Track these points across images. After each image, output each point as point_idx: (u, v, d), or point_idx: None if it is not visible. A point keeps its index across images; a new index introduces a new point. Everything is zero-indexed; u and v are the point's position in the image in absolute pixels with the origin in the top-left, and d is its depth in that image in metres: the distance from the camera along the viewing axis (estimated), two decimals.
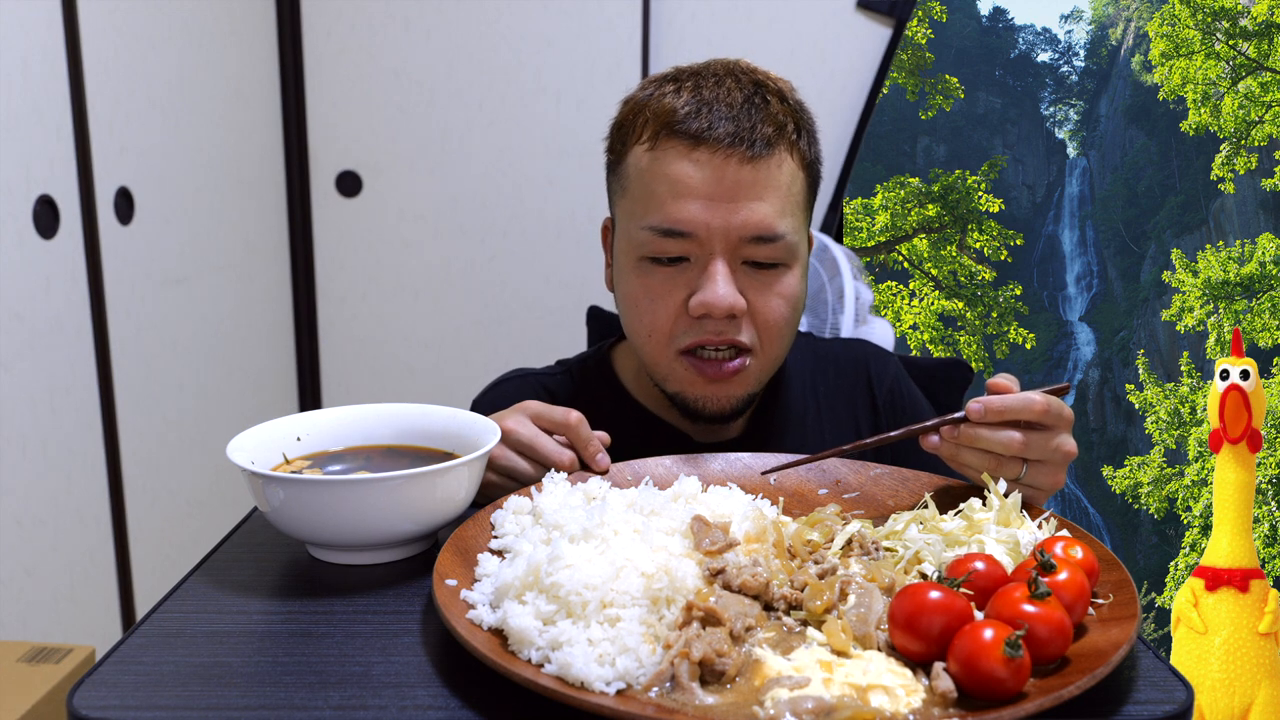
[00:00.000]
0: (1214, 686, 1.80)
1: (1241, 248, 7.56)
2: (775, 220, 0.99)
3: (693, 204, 0.98)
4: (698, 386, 1.04)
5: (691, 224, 0.98)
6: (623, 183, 1.04)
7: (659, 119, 1.00)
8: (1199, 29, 8.00)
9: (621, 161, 1.04)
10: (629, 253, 1.03)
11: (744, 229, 0.98)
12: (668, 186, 0.98)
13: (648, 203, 1.00)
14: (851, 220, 8.94)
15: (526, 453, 0.92)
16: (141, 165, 1.83)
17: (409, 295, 2.49)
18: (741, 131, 0.97)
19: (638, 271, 1.02)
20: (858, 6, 2.32)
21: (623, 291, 1.06)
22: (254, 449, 0.86)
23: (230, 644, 0.69)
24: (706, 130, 0.97)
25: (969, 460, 0.86)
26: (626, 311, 1.06)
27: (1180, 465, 7.29)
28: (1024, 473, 0.86)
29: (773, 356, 1.05)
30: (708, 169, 0.97)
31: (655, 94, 1.02)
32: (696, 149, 0.98)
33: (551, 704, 0.60)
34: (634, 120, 1.03)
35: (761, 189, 0.98)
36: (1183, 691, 0.62)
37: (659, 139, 1.00)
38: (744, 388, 1.05)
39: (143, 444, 1.84)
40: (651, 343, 1.04)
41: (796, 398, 1.17)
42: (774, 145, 0.99)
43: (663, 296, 1.01)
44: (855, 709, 0.57)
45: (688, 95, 1.00)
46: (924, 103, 9.30)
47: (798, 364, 1.19)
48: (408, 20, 2.35)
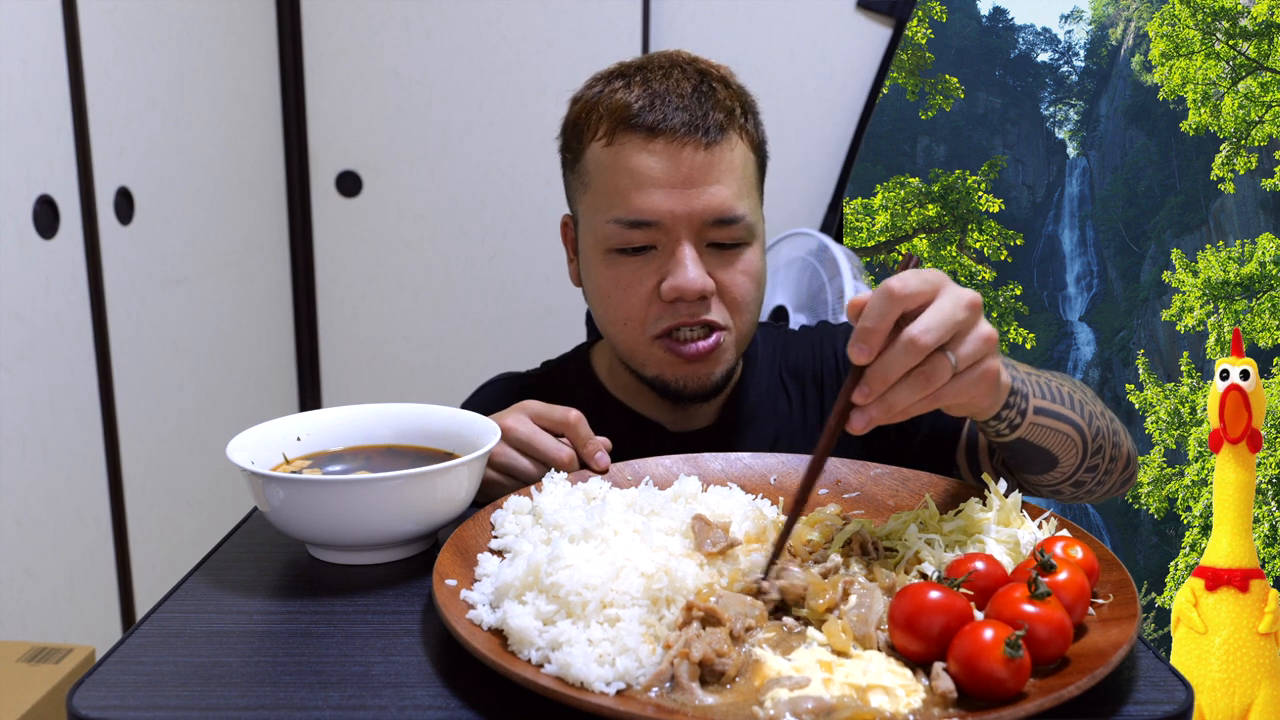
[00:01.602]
0: (1214, 686, 1.80)
1: (1241, 248, 7.56)
2: (735, 202, 1.02)
3: (655, 193, 1.00)
4: (676, 368, 1.06)
5: (656, 212, 1.01)
6: (583, 179, 1.07)
7: (614, 115, 1.02)
8: (1199, 29, 8.00)
9: (579, 159, 1.07)
10: (595, 246, 1.06)
11: (706, 213, 1.01)
12: (629, 179, 1.01)
13: (611, 196, 1.03)
14: (851, 220, 8.95)
15: (526, 450, 0.93)
16: (141, 165, 1.83)
17: (409, 295, 2.48)
18: (695, 120, 1.00)
19: (606, 263, 1.05)
20: (858, 6, 2.32)
21: (592, 284, 1.08)
22: (254, 449, 0.86)
23: (230, 644, 0.69)
24: (662, 121, 1.00)
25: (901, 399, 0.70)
26: (599, 303, 1.08)
27: (1180, 465, 7.29)
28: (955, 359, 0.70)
29: (743, 332, 1.08)
30: (666, 158, 1.00)
31: (605, 91, 1.05)
32: (654, 140, 1.00)
33: (551, 704, 0.59)
34: (587, 118, 1.05)
35: (719, 173, 1.01)
36: (1183, 691, 0.62)
37: (616, 134, 1.02)
38: (721, 364, 1.07)
39: (143, 444, 1.84)
40: (627, 331, 1.06)
41: (766, 385, 1.19)
42: (726, 130, 1.02)
43: (633, 285, 1.04)
44: (855, 709, 0.57)
45: (639, 90, 1.02)
46: (924, 103, 9.31)
47: (766, 351, 1.22)
48: (408, 20, 2.35)
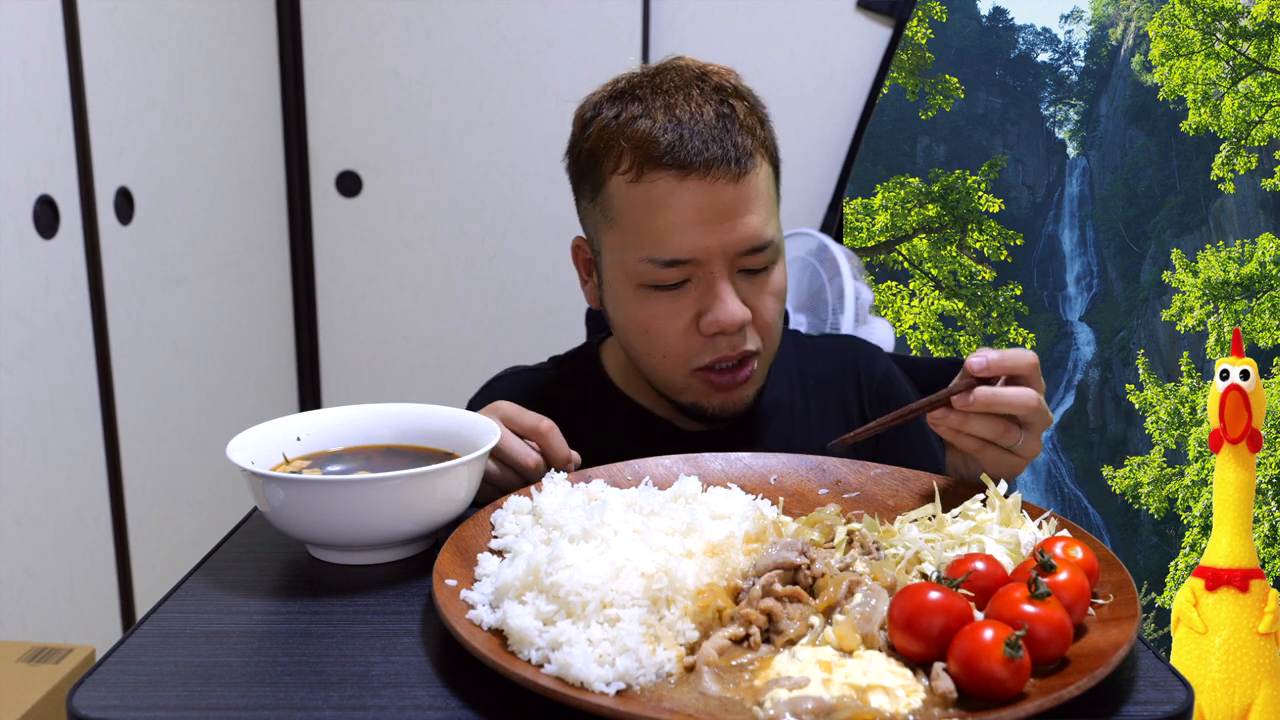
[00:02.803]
0: (1214, 686, 1.80)
1: (1241, 248, 7.56)
2: (764, 228, 1.01)
3: (690, 232, 0.99)
4: (714, 397, 1.07)
5: (692, 251, 0.99)
6: (606, 214, 1.04)
7: (639, 149, 0.99)
8: (1199, 29, 8.00)
9: (600, 191, 1.04)
10: (625, 281, 1.04)
11: (739, 244, 1.00)
12: (662, 219, 0.99)
13: (642, 235, 1.00)
14: (851, 220, 8.94)
15: (493, 454, 0.92)
16: (141, 165, 1.83)
17: (409, 295, 2.48)
18: (726, 153, 0.98)
19: (639, 299, 1.03)
20: (858, 6, 2.32)
21: (625, 318, 1.06)
22: (254, 449, 0.86)
23: (230, 644, 0.69)
24: (694, 158, 0.98)
25: (977, 429, 0.85)
26: (634, 337, 1.06)
27: (1180, 465, 7.29)
28: (1020, 442, 0.85)
29: (772, 350, 1.09)
30: (699, 194, 0.98)
31: (623, 117, 1.01)
32: (686, 178, 0.98)
33: (551, 704, 0.60)
34: (607, 148, 1.02)
35: (749, 202, 1.00)
36: (1183, 691, 0.62)
37: (644, 171, 0.99)
38: (753, 386, 1.08)
39: (143, 444, 1.84)
40: (666, 364, 1.05)
41: (782, 390, 1.19)
42: (753, 155, 1.00)
43: (670, 319, 1.03)
44: (855, 709, 0.57)
45: (661, 118, 0.99)
46: (924, 103, 9.31)
47: (781, 357, 1.21)
48: (408, 20, 2.35)
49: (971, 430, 0.85)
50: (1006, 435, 0.85)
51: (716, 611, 0.68)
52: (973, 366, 0.84)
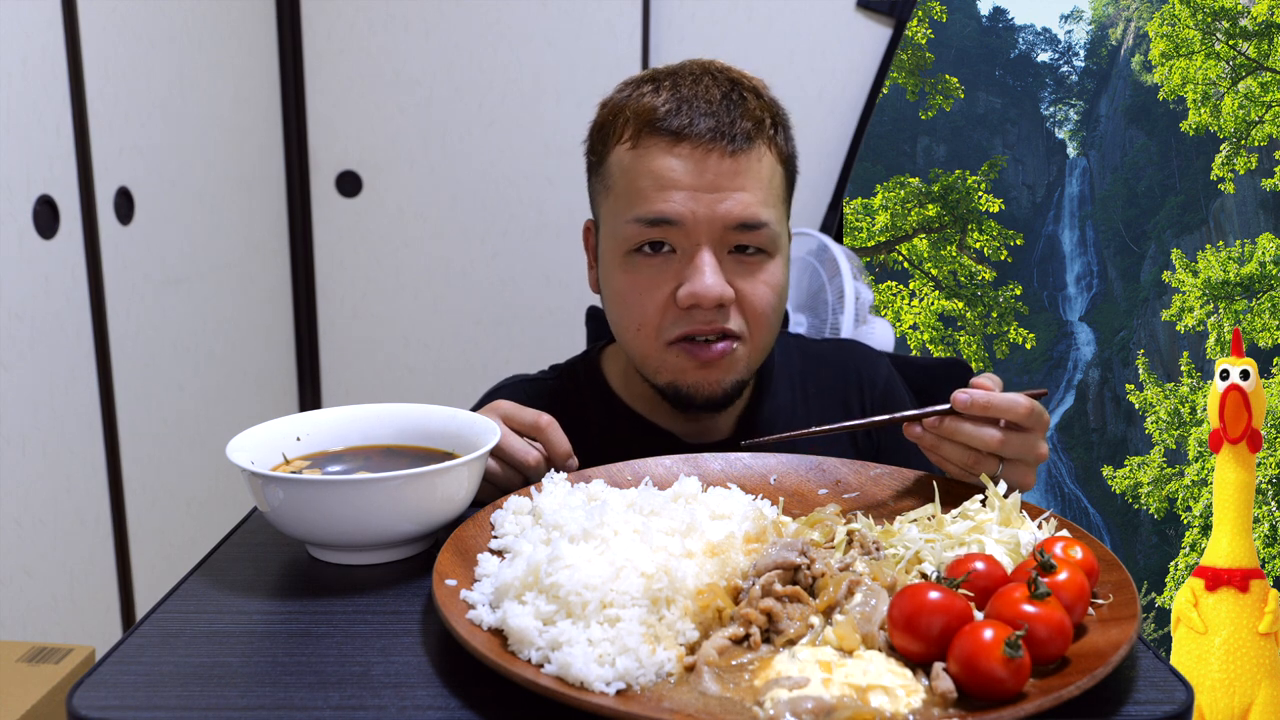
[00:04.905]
0: (1214, 686, 1.80)
1: (1241, 248, 7.56)
2: (758, 208, 1.00)
3: (677, 194, 0.99)
4: (689, 374, 1.04)
5: (677, 213, 0.99)
6: (606, 182, 1.06)
7: (640, 118, 1.02)
8: (1199, 29, 8.00)
9: (603, 162, 1.06)
10: (614, 250, 1.04)
11: (728, 218, 0.99)
12: (651, 180, 1.00)
13: (632, 197, 1.02)
14: (851, 220, 8.94)
15: (493, 452, 0.92)
16: (141, 165, 1.83)
17: (409, 295, 2.49)
18: (722, 126, 0.99)
19: (624, 267, 1.04)
20: (858, 6, 2.32)
21: (610, 289, 1.07)
22: (254, 449, 0.86)
23: (230, 644, 0.69)
24: (688, 126, 0.99)
25: (948, 454, 0.88)
26: (614, 308, 1.07)
27: (1180, 465, 7.29)
28: (999, 471, 0.87)
29: (761, 344, 1.06)
30: (690, 162, 0.99)
31: (634, 95, 1.04)
32: (679, 144, 0.99)
33: (551, 704, 0.60)
34: (614, 121, 1.04)
35: (743, 179, 1.00)
36: (1183, 691, 0.62)
37: (641, 137, 1.01)
38: (733, 373, 1.05)
39: (143, 444, 1.84)
40: (641, 336, 1.04)
41: (785, 397, 1.18)
42: (753, 139, 1.01)
43: (650, 289, 1.02)
44: (855, 709, 0.57)
45: (667, 94, 1.01)
46: (924, 103, 9.30)
47: (785, 364, 1.20)
48: (408, 20, 2.35)
49: (943, 454, 0.88)
50: (980, 465, 0.87)
51: (716, 611, 0.69)
52: (957, 401, 0.86)
